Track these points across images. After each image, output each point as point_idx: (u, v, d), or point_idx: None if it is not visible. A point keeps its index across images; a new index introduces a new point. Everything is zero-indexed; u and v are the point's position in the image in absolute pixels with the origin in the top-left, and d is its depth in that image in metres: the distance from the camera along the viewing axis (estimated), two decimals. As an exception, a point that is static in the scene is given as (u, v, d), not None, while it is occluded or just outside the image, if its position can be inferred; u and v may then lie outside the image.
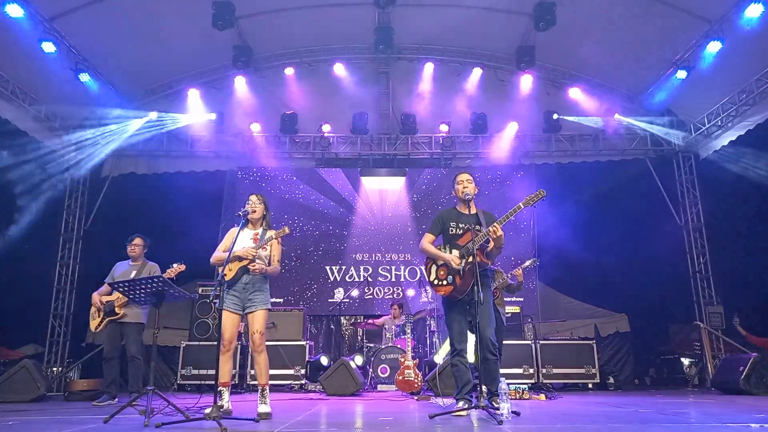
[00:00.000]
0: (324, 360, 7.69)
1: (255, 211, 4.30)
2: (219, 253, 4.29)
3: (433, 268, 4.40)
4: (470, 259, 4.15)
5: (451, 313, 4.32)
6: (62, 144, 9.20)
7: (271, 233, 4.28)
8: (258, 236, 4.28)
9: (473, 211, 4.32)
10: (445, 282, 4.27)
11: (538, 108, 9.56)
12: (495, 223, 4.09)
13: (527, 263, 6.14)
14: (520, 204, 4.09)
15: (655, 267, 9.10)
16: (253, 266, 4.12)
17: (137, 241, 5.83)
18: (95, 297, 5.66)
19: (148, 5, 7.65)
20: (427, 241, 4.45)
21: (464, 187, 4.36)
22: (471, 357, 4.38)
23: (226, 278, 4.12)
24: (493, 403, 4.00)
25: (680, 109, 9.54)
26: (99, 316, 5.60)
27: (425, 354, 7.89)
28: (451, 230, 4.38)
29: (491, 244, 4.21)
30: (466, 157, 10.23)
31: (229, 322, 4.13)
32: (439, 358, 7.10)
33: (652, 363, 9.28)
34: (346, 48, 9.45)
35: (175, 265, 4.98)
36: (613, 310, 9.41)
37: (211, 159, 10.02)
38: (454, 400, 4.28)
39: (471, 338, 4.36)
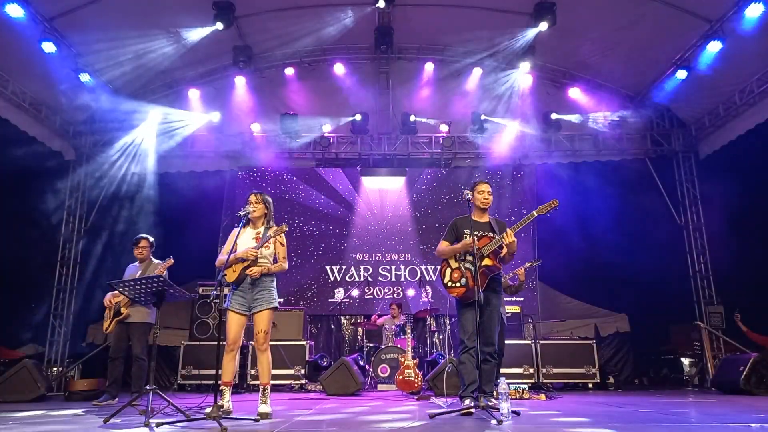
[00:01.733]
0: (322, 360, 7.69)
1: (255, 211, 4.30)
2: (222, 256, 4.28)
3: (447, 271, 4.47)
4: (486, 261, 4.28)
5: (466, 311, 4.37)
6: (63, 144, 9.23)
7: (271, 232, 4.29)
8: (260, 235, 4.29)
9: (486, 219, 4.50)
10: (458, 284, 4.36)
11: (538, 108, 9.56)
12: (508, 230, 4.23)
13: (529, 264, 6.15)
14: (534, 212, 4.25)
15: (655, 267, 9.08)
16: (250, 271, 4.12)
17: (143, 243, 5.79)
18: (108, 296, 5.64)
19: (148, 5, 7.65)
20: (443, 246, 4.54)
21: (486, 198, 4.55)
22: None
23: (230, 279, 4.13)
24: (488, 401, 4.03)
25: (680, 108, 9.54)
26: (110, 317, 5.60)
27: (425, 354, 7.90)
28: (466, 237, 4.45)
29: (504, 250, 4.31)
30: (466, 157, 10.24)
31: (235, 322, 4.12)
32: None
33: (652, 363, 9.27)
34: (346, 48, 9.45)
35: (166, 260, 4.96)
36: (613, 310, 9.40)
37: (211, 159, 10.01)
38: (459, 398, 4.31)
39: None
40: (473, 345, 4.28)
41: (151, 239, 5.87)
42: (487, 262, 4.29)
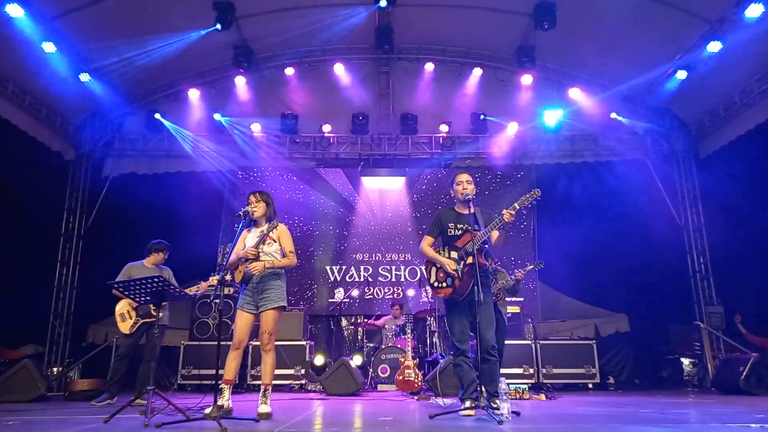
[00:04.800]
0: (319, 360, 7.66)
1: (256, 211, 4.31)
2: (232, 257, 4.30)
3: (433, 270, 4.41)
4: (469, 260, 4.16)
5: (453, 314, 4.31)
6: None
7: (264, 227, 4.31)
8: (263, 233, 4.31)
9: (471, 211, 4.30)
10: (444, 284, 4.28)
11: (537, 108, 9.56)
12: (488, 227, 4.14)
13: (531, 266, 6.14)
14: (516, 205, 4.07)
15: (655, 267, 9.08)
16: (252, 267, 4.12)
17: (168, 251, 5.95)
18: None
19: (148, 5, 7.65)
20: (427, 244, 4.46)
21: (464, 188, 4.34)
22: None
23: (238, 280, 4.18)
24: (492, 403, 4.00)
25: (680, 109, 9.54)
26: (131, 318, 5.57)
27: (425, 354, 7.90)
28: (450, 231, 4.38)
29: (494, 235, 4.21)
30: (466, 157, 10.23)
31: (242, 321, 4.15)
32: None
33: (652, 363, 9.27)
34: (346, 48, 9.45)
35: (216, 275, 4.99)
36: (613, 310, 9.39)
37: (212, 159, 10.01)
38: (459, 400, 4.27)
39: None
40: (465, 347, 4.24)
41: None
42: (470, 260, 4.14)
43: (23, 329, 8.34)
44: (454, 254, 4.29)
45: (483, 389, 4.07)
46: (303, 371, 7.38)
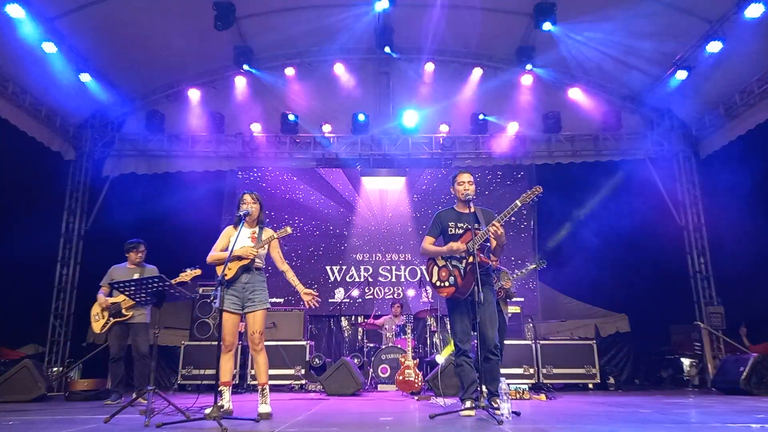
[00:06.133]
0: (317, 360, 7.67)
1: (253, 211, 4.32)
2: (216, 253, 4.29)
3: (435, 270, 4.39)
4: (470, 259, 4.15)
5: (455, 313, 4.31)
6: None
7: (269, 232, 4.29)
8: (255, 234, 4.29)
9: (471, 210, 4.29)
10: (447, 283, 4.27)
11: (538, 108, 9.56)
12: (495, 222, 4.10)
13: (533, 266, 6.13)
14: (517, 202, 4.06)
15: (655, 267, 9.08)
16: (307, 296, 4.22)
17: (143, 248, 5.93)
18: (102, 297, 5.68)
19: (148, 5, 7.65)
20: (428, 244, 4.46)
21: (465, 189, 4.33)
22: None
23: (228, 277, 4.12)
24: (493, 403, 4.00)
25: (680, 109, 9.54)
26: (103, 318, 5.63)
27: (425, 354, 7.90)
28: (451, 230, 4.37)
29: (493, 243, 4.21)
30: (466, 157, 10.23)
31: (230, 322, 4.12)
32: (441, 358, 7.09)
33: (652, 363, 9.28)
34: (346, 48, 9.45)
35: (189, 270, 4.96)
36: (613, 310, 9.39)
37: (211, 159, 10.02)
38: (459, 400, 4.26)
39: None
40: (466, 347, 4.24)
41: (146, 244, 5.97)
42: (471, 259, 4.12)
43: (23, 329, 8.34)
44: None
45: (484, 389, 4.07)
46: (303, 371, 7.38)
